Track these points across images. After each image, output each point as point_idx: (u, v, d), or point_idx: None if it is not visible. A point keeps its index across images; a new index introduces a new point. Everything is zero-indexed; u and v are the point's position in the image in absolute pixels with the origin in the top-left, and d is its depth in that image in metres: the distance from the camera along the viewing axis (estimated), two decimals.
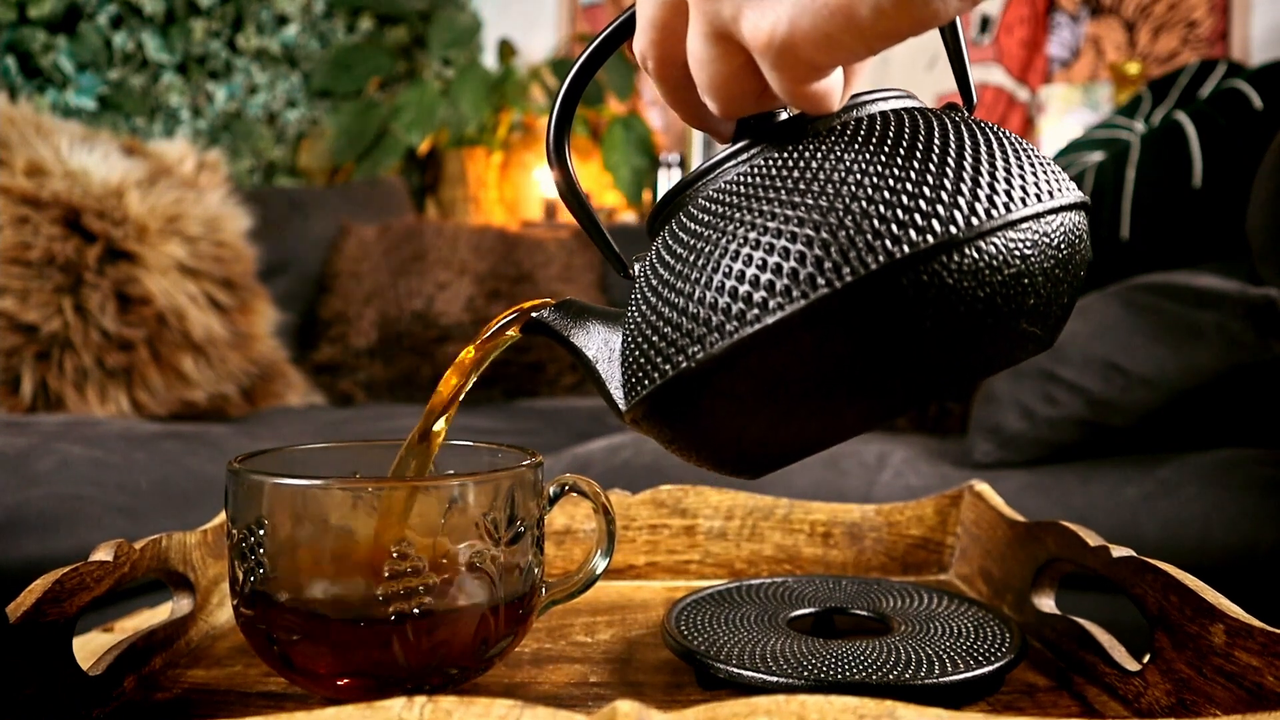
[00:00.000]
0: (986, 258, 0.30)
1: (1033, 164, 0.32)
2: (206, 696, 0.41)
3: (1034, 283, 0.31)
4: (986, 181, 0.30)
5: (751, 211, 0.31)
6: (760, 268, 0.30)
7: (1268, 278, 0.91)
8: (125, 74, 2.17)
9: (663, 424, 0.34)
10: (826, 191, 0.30)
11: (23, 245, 1.28)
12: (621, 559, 0.59)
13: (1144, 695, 0.39)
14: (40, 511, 0.93)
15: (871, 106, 0.34)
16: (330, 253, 1.85)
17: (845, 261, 0.29)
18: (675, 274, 0.32)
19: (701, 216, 0.33)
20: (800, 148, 0.32)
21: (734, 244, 0.31)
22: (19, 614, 0.35)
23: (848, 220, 0.29)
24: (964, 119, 0.33)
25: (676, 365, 0.32)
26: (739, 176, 0.33)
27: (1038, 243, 0.31)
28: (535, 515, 0.40)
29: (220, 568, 0.50)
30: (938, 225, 0.29)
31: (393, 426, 1.40)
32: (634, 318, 0.34)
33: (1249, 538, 0.87)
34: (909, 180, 0.30)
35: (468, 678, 0.39)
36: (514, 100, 2.53)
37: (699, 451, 0.35)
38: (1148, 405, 0.95)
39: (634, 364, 0.34)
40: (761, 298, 0.30)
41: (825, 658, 0.41)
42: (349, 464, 0.44)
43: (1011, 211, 0.30)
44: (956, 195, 0.30)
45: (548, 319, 0.39)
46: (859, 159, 0.31)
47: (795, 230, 0.30)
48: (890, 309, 0.29)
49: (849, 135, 0.32)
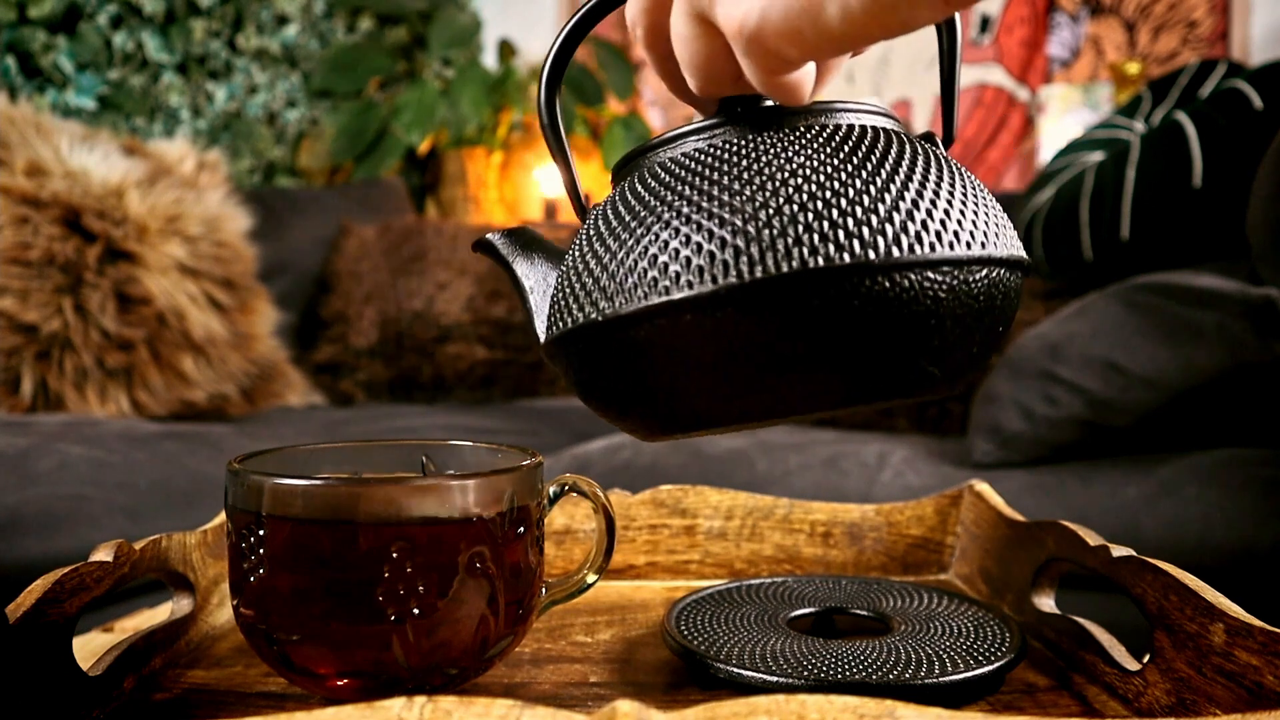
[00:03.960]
0: (897, 290, 0.30)
1: (977, 210, 0.33)
2: (206, 697, 0.41)
3: (941, 326, 0.32)
4: (920, 217, 0.31)
5: (693, 189, 0.32)
6: (684, 244, 0.31)
7: (1268, 278, 0.91)
8: (125, 74, 2.17)
9: (568, 364, 0.37)
10: (765, 186, 0.31)
11: (23, 245, 1.28)
12: (621, 559, 0.59)
13: (1144, 695, 0.39)
14: (40, 511, 0.93)
15: (842, 116, 0.34)
16: (330, 253, 1.85)
17: (760, 260, 0.30)
18: (612, 234, 0.34)
19: (650, 184, 0.34)
20: (757, 138, 0.33)
21: (668, 217, 0.32)
22: (19, 614, 0.35)
23: (775, 220, 0.30)
24: (927, 150, 0.34)
25: (588, 316, 0.34)
26: (695, 152, 0.34)
27: (955, 289, 0.31)
28: (535, 515, 0.40)
29: (220, 568, 0.50)
30: (857, 246, 0.30)
31: (393, 426, 1.40)
32: (570, 261, 0.36)
33: (1249, 538, 0.87)
34: (844, 196, 0.31)
35: (468, 678, 0.39)
36: (514, 100, 2.53)
37: (594, 398, 0.37)
38: (1148, 405, 0.95)
39: (557, 304, 0.36)
40: (675, 272, 0.31)
41: (825, 658, 0.41)
42: (349, 464, 0.44)
43: (934, 251, 0.31)
44: (885, 222, 0.30)
45: (496, 242, 0.40)
46: (807, 163, 0.32)
47: (725, 217, 0.31)
48: (792, 315, 0.30)
49: (807, 138, 0.33)
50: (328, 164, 2.48)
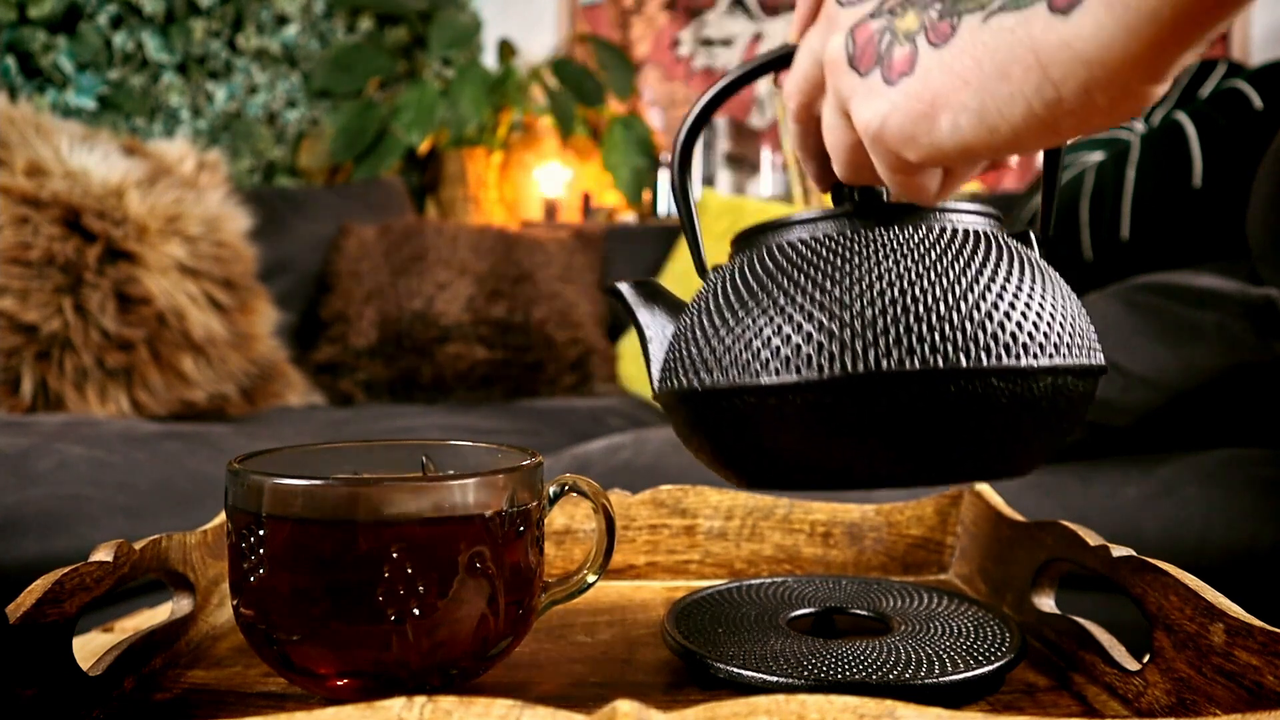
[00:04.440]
0: (970, 393, 0.34)
1: (1053, 319, 0.36)
2: (206, 696, 0.41)
3: (1009, 425, 0.35)
4: (992, 329, 0.34)
5: (805, 277, 0.36)
6: (795, 330, 0.35)
7: (1268, 278, 0.91)
8: (125, 74, 2.17)
9: (676, 415, 0.41)
10: (868, 288, 0.35)
11: (23, 245, 1.28)
12: (621, 559, 0.59)
13: (1144, 695, 0.39)
14: (40, 511, 0.93)
15: (946, 219, 0.38)
16: (330, 253, 1.85)
17: (855, 358, 0.34)
18: (729, 307, 0.38)
19: (767, 265, 0.38)
20: (866, 235, 0.37)
21: (781, 303, 0.36)
22: (19, 614, 0.35)
23: (870, 321, 0.34)
24: (1019, 255, 0.37)
25: (702, 382, 0.38)
26: (811, 240, 0.38)
27: (1022, 395, 0.35)
28: (535, 515, 0.40)
29: (220, 568, 0.50)
30: (931, 353, 0.34)
31: (393, 426, 1.40)
32: (687, 322, 0.41)
33: (1249, 538, 0.87)
34: (941, 303, 0.34)
35: (468, 678, 0.39)
36: (514, 100, 2.53)
37: (695, 448, 0.41)
38: (1148, 405, 0.95)
39: (671, 361, 0.41)
40: (786, 357, 0.35)
41: (825, 658, 0.41)
42: (349, 464, 0.44)
43: (1003, 361, 0.34)
44: (961, 333, 0.34)
45: (624, 291, 0.45)
46: (906, 268, 0.35)
47: (832, 312, 0.35)
48: (877, 407, 0.34)
49: (912, 242, 0.36)
50: (328, 164, 2.48)
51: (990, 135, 0.28)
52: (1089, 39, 0.25)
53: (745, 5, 2.64)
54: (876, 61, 0.30)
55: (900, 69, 0.29)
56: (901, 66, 0.29)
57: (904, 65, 0.29)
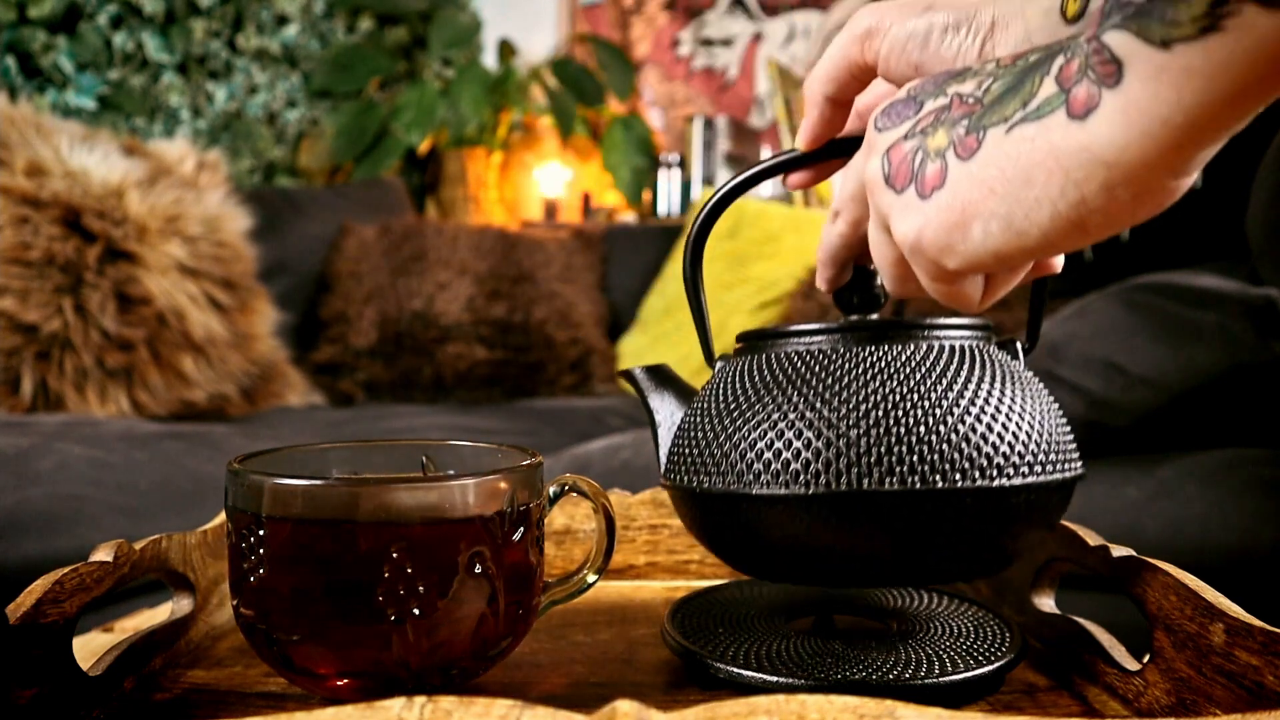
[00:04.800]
0: (953, 510, 0.36)
1: (1028, 436, 0.38)
2: (206, 696, 0.41)
3: (992, 535, 0.38)
4: (985, 451, 0.36)
5: (792, 397, 0.39)
6: (785, 447, 0.38)
7: (1268, 278, 0.91)
8: (125, 74, 2.18)
9: (677, 506, 0.44)
10: (854, 407, 0.37)
11: (23, 245, 1.28)
12: (621, 559, 0.59)
13: (1144, 695, 0.39)
14: (40, 511, 0.93)
15: (937, 334, 0.40)
16: (330, 253, 1.85)
17: (833, 473, 0.37)
18: (727, 414, 0.41)
19: (766, 375, 0.41)
20: (862, 352, 0.39)
21: (775, 417, 0.39)
22: (19, 614, 0.35)
23: (853, 437, 0.37)
24: (1001, 370, 0.39)
25: (692, 482, 0.41)
26: (806, 353, 0.40)
27: (1011, 507, 0.37)
28: (535, 515, 0.40)
29: (220, 568, 0.50)
30: (924, 474, 0.36)
31: (393, 426, 1.40)
32: (694, 414, 0.43)
33: (1249, 538, 0.87)
34: (921, 425, 0.37)
35: (468, 678, 0.39)
36: (514, 100, 2.53)
37: (695, 534, 0.44)
38: (1148, 405, 0.95)
39: (674, 456, 0.43)
40: (758, 471, 0.38)
41: (825, 658, 0.41)
42: (349, 464, 0.44)
43: (992, 482, 0.36)
44: (953, 454, 0.36)
45: (638, 376, 0.48)
46: (893, 388, 0.38)
47: (808, 435, 0.38)
48: (855, 522, 0.37)
49: (900, 358, 0.39)
50: (328, 164, 2.48)
51: (1020, 239, 0.29)
52: (1107, 144, 0.26)
53: (745, 5, 2.64)
54: (911, 179, 0.31)
55: (933, 183, 0.31)
56: (934, 181, 0.31)
57: (936, 180, 0.31)
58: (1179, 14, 0.23)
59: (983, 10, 0.36)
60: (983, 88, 0.30)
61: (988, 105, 0.29)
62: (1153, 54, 0.24)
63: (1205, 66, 0.23)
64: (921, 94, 0.33)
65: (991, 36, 0.36)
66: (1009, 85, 0.29)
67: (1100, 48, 0.25)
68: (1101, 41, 0.25)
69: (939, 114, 0.31)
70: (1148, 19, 0.24)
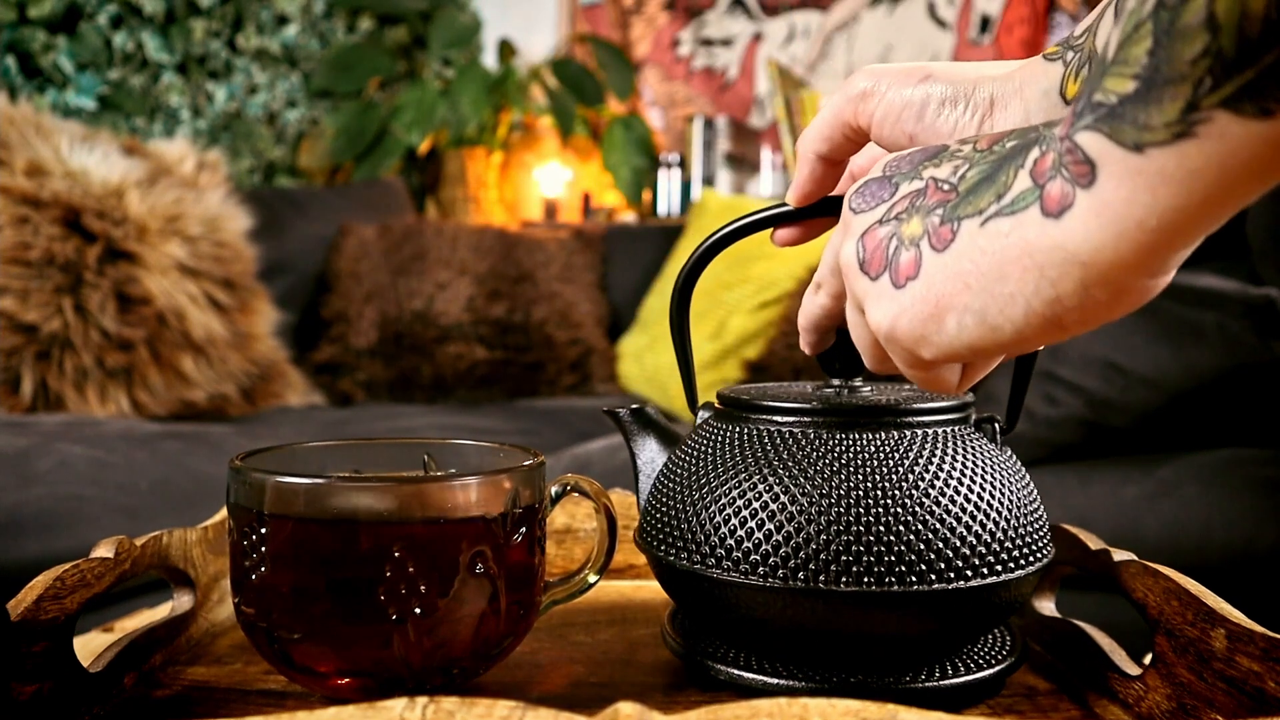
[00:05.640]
0: (914, 608, 0.36)
1: (1009, 527, 0.38)
2: (207, 694, 0.41)
3: (953, 625, 0.38)
4: (945, 553, 0.37)
5: (765, 478, 0.39)
6: (735, 539, 0.38)
7: (1268, 278, 0.91)
8: (125, 74, 2.17)
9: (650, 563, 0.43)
10: (820, 498, 0.38)
11: (23, 245, 1.28)
12: (621, 559, 0.59)
13: (1144, 699, 0.39)
14: (40, 511, 0.93)
15: (911, 420, 0.40)
16: (330, 253, 1.84)
17: (793, 566, 0.37)
18: (702, 484, 0.41)
19: (745, 450, 0.41)
20: (840, 438, 0.39)
21: (739, 500, 0.39)
22: (20, 610, 0.35)
23: (813, 531, 0.37)
24: (977, 457, 0.40)
25: (663, 553, 0.41)
26: (792, 433, 0.40)
27: (978, 600, 0.37)
28: (537, 515, 0.40)
29: (221, 565, 0.50)
30: (880, 576, 0.36)
31: (393, 426, 1.40)
32: (668, 478, 0.43)
33: (1249, 538, 0.87)
34: (880, 523, 0.37)
35: (469, 677, 0.39)
36: (514, 100, 2.53)
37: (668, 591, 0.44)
38: (1148, 405, 0.95)
39: (648, 514, 0.44)
40: (720, 555, 0.39)
41: None
42: (350, 462, 0.44)
43: (949, 585, 0.36)
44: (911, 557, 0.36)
45: (622, 416, 0.49)
46: (859, 480, 0.38)
47: (770, 526, 0.38)
48: (811, 616, 0.37)
49: (870, 447, 0.39)
50: (328, 164, 2.48)
51: (994, 334, 0.29)
52: (1081, 243, 0.25)
53: (745, 5, 2.64)
54: (885, 266, 0.31)
55: (907, 273, 0.30)
56: (908, 270, 0.30)
57: (910, 269, 0.30)
58: (1152, 119, 0.22)
59: (981, 87, 0.36)
60: (958, 174, 0.30)
61: (963, 194, 0.29)
62: (1126, 157, 0.23)
63: (1179, 172, 0.22)
64: (897, 175, 0.32)
65: (990, 115, 0.36)
66: (984, 174, 0.29)
67: (1073, 147, 0.25)
68: (1074, 141, 0.25)
69: (914, 199, 0.31)
70: (1120, 122, 0.23)
